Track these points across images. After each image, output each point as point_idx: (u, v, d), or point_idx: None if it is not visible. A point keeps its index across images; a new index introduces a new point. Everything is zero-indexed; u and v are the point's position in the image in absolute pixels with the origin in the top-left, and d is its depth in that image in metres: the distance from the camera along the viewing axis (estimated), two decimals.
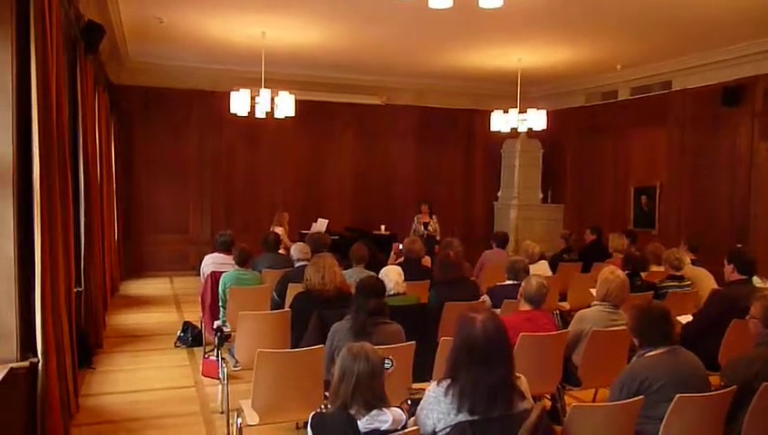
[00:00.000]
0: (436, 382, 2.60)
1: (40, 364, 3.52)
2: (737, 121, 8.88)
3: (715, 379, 3.34)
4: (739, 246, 7.19)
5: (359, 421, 2.45)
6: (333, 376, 2.58)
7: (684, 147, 9.81)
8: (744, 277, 4.85)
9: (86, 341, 5.85)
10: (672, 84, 9.93)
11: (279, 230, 8.45)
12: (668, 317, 3.13)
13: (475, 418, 2.44)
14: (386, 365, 2.74)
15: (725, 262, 4.96)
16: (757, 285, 5.16)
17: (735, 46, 8.47)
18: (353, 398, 2.47)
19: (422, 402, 2.60)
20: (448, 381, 2.52)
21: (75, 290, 5.06)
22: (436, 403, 2.51)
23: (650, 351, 3.09)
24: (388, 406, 2.53)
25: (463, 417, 2.45)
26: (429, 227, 10.04)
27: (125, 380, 5.65)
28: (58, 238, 3.83)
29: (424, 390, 2.81)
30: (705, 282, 5.98)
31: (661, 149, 10.28)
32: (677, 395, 2.82)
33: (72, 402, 4.47)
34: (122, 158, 10.33)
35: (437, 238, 9.89)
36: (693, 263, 6.43)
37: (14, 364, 3.41)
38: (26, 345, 3.53)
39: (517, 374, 2.58)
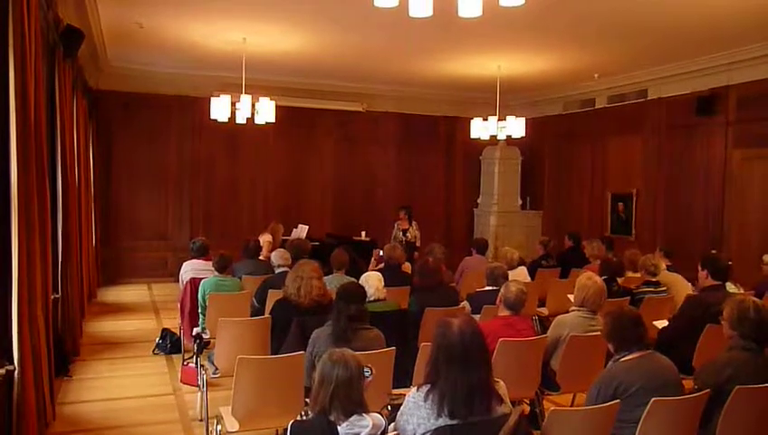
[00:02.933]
0: (415, 388, 2.62)
1: (16, 372, 3.49)
2: (711, 130, 9.05)
3: (689, 383, 3.40)
4: (713, 252, 7.32)
5: (339, 427, 2.46)
6: (314, 382, 2.59)
7: (660, 155, 9.97)
8: (717, 283, 4.94)
9: (63, 348, 5.78)
10: (648, 93, 10.10)
11: (266, 238, 8.40)
12: (641, 321, 3.19)
13: (455, 422, 2.46)
14: (365, 374, 2.77)
15: (699, 268, 5.05)
16: (731, 291, 5.26)
17: (709, 56, 8.64)
18: (332, 404, 2.49)
19: (402, 408, 2.62)
20: (428, 386, 2.55)
21: (52, 297, 5.00)
22: (416, 408, 2.53)
23: (625, 355, 3.14)
24: (367, 412, 2.54)
25: (443, 422, 2.47)
26: (408, 234, 10.04)
27: (102, 388, 5.59)
28: (35, 244, 3.79)
29: (404, 395, 2.82)
30: (681, 287, 6.08)
31: (638, 156, 10.44)
32: (652, 399, 2.87)
33: (49, 411, 4.41)
34: (101, 163, 10.23)
35: (417, 245, 9.92)
36: (668, 269, 6.54)
37: None
38: (2, 353, 3.50)
39: (496, 379, 2.61)
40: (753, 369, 3.14)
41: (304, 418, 2.62)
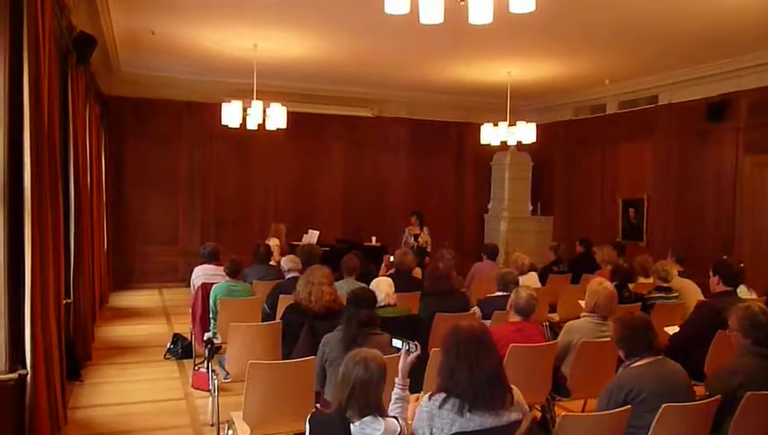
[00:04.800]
0: (427, 396, 2.62)
1: (29, 376, 3.51)
2: (722, 135, 9.01)
3: (701, 389, 3.38)
4: (725, 257, 7.26)
5: (351, 425, 2.48)
6: (338, 377, 2.63)
7: (670, 160, 9.93)
8: (729, 289, 4.90)
9: (75, 353, 5.81)
10: (658, 99, 10.06)
11: (274, 242, 8.43)
12: (650, 327, 3.18)
13: (469, 429, 2.47)
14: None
15: (711, 273, 5.01)
16: (744, 296, 5.22)
17: (719, 62, 8.61)
18: (348, 403, 2.51)
19: (415, 419, 2.61)
20: (443, 395, 2.54)
21: (64, 302, 5.05)
22: (429, 419, 2.53)
23: (636, 361, 3.13)
24: (383, 415, 2.55)
25: (459, 426, 2.48)
26: (419, 239, 10.05)
27: (114, 392, 5.62)
28: (48, 249, 3.82)
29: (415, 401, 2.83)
30: (692, 293, 6.04)
31: (648, 162, 10.40)
32: (663, 405, 2.86)
33: (61, 415, 4.44)
34: (113, 169, 10.31)
35: (428, 250, 9.91)
36: (679, 274, 6.50)
37: (3, 376, 3.41)
38: (15, 357, 3.52)
39: (510, 386, 2.62)
40: (765, 375, 3.12)
41: (324, 410, 2.66)
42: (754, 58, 8.20)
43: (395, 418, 2.60)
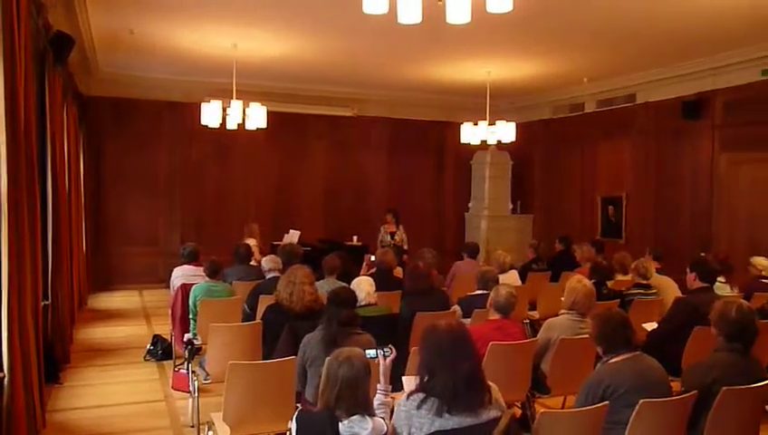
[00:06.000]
0: (405, 396, 2.62)
1: (6, 379, 3.48)
2: (698, 133, 9.14)
3: (678, 385, 3.42)
4: (702, 254, 7.37)
5: (340, 424, 2.50)
6: (321, 379, 2.63)
7: (648, 158, 10.05)
8: (705, 285, 4.98)
9: (53, 355, 5.75)
10: (636, 97, 10.18)
11: (252, 242, 8.41)
12: (628, 323, 3.22)
13: (448, 428, 2.48)
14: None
15: (688, 270, 5.09)
16: (722, 293, 5.30)
17: (695, 61, 8.73)
18: (337, 403, 2.53)
19: (394, 418, 2.62)
20: (421, 395, 2.55)
21: (42, 304, 4.99)
22: (408, 418, 2.54)
23: (613, 357, 3.17)
24: (371, 414, 2.57)
25: (438, 425, 2.48)
26: (396, 237, 10.02)
27: (93, 394, 5.57)
28: (25, 251, 3.78)
29: (395, 399, 2.84)
30: (670, 290, 6.12)
31: (626, 160, 10.53)
32: (641, 401, 2.90)
33: (39, 418, 4.39)
34: (91, 169, 10.21)
35: (405, 248, 9.90)
36: (657, 271, 6.58)
37: None
38: None
39: (489, 383, 2.63)
40: (739, 370, 3.17)
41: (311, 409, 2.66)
42: (729, 57, 8.33)
43: (382, 419, 2.62)
